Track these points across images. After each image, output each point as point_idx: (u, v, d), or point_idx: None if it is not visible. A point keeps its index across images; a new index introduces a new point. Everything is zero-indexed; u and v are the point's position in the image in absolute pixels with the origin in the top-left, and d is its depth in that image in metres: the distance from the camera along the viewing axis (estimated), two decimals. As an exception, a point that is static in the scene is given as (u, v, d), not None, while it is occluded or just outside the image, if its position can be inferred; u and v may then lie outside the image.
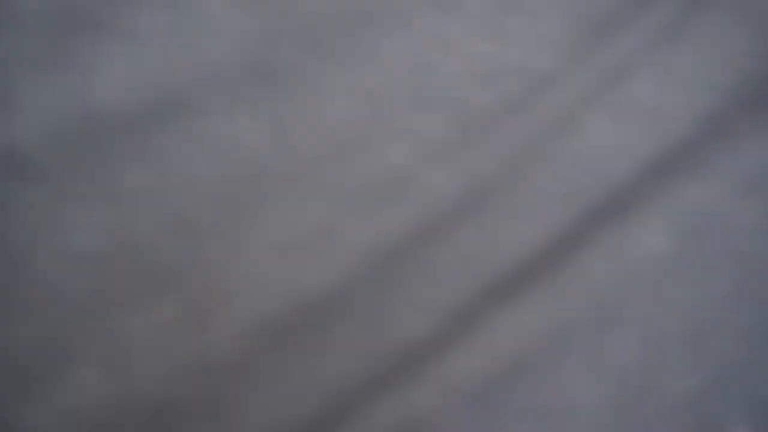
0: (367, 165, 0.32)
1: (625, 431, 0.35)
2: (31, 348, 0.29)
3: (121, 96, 0.30)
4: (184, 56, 0.31)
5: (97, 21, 0.31)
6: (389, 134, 0.32)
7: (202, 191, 0.30)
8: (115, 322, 0.30)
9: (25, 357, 0.29)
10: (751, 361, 0.35)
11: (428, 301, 0.33)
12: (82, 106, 0.30)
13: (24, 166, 0.29)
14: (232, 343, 0.31)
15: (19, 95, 0.30)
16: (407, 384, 0.33)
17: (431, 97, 0.33)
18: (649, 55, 0.36)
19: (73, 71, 0.30)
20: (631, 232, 0.36)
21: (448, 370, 0.33)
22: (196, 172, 0.31)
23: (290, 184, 0.31)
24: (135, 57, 0.30)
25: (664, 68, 0.37)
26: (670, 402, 0.35)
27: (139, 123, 0.30)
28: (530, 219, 0.34)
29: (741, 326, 0.35)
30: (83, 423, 0.30)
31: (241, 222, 0.31)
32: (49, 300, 0.29)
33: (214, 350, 0.31)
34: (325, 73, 0.32)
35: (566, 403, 0.34)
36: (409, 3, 0.33)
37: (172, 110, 0.30)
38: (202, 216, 0.30)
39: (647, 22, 0.36)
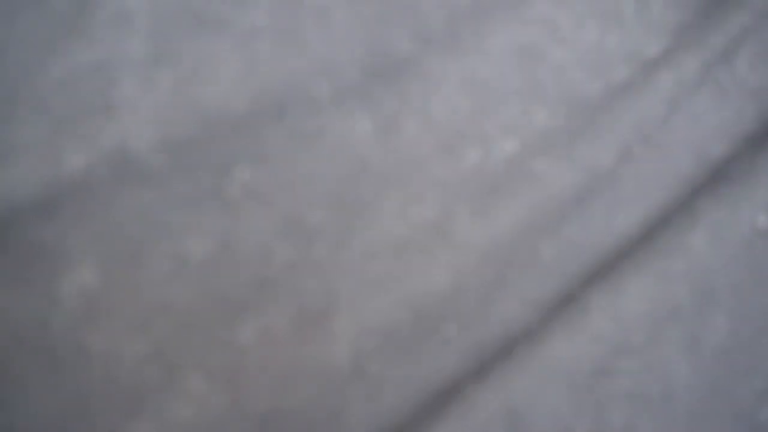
0: (478, 159, 0.31)
1: (722, 413, 0.35)
2: (138, 359, 0.29)
3: (230, 95, 0.29)
4: (295, 51, 0.30)
5: (205, 18, 0.29)
6: (499, 127, 0.32)
7: (313, 190, 0.30)
8: (223, 329, 0.30)
9: (132, 369, 0.29)
10: None
11: (535, 293, 0.33)
12: (190, 106, 0.29)
13: (131, 169, 0.29)
14: (342, 349, 0.30)
15: (127, 97, 0.29)
16: (508, 374, 0.33)
17: (541, 87, 0.32)
18: (754, 34, 0.35)
19: (181, 71, 0.29)
20: (734, 211, 0.35)
21: (549, 358, 0.33)
22: (306, 171, 0.30)
23: (402, 180, 0.31)
24: (245, 54, 0.29)
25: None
26: (766, 383, 0.35)
27: (249, 122, 0.29)
28: (636, 204, 0.34)
29: None
30: None
31: (352, 222, 0.30)
32: (157, 308, 0.29)
33: (324, 356, 0.30)
34: (437, 65, 0.31)
35: (664, 387, 0.34)
36: None
37: (282, 107, 0.30)
38: (312, 216, 0.30)
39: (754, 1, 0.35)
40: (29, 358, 0.29)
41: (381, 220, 0.31)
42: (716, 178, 0.35)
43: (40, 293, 0.29)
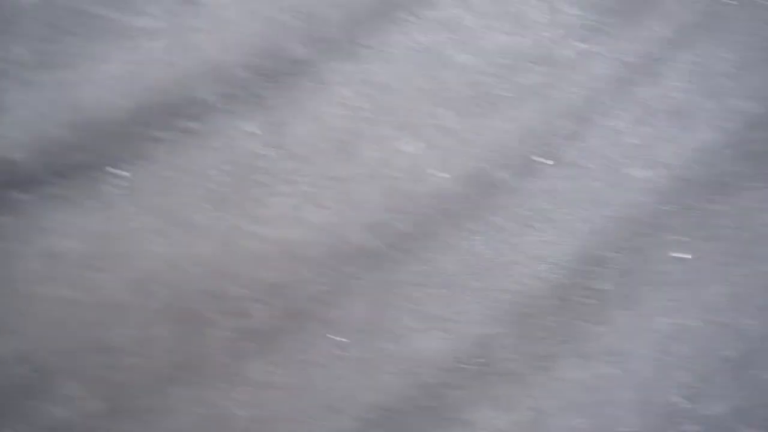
0: (374, 161, 0.30)
1: None
2: (9, 361, 0.28)
3: (116, 96, 0.29)
4: (187, 54, 0.29)
5: (97, 21, 0.29)
6: (401, 128, 0.30)
7: (198, 190, 0.29)
8: (101, 330, 0.29)
9: (3, 371, 0.28)
10: None
11: (432, 314, 0.31)
12: (72, 109, 0.29)
13: (13, 173, 0.28)
14: (223, 349, 0.29)
15: (9, 100, 0.28)
16: (415, 414, 0.31)
17: (447, 90, 0.31)
18: (680, 48, 0.34)
19: (66, 73, 0.29)
20: (657, 240, 0.33)
21: (466, 402, 0.31)
22: (192, 172, 0.29)
23: (293, 180, 0.30)
24: (133, 57, 0.29)
25: (696, 64, 0.34)
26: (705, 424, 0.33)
27: (133, 123, 0.29)
28: (546, 227, 0.32)
29: None
30: None
31: (239, 222, 0.29)
32: (33, 310, 0.28)
33: (204, 357, 0.29)
34: (333, 67, 0.30)
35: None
36: None
37: (170, 109, 0.29)
38: (197, 216, 0.29)
39: (681, 9, 0.34)
40: None
41: (270, 220, 0.30)
42: (635, 206, 0.33)
43: None
